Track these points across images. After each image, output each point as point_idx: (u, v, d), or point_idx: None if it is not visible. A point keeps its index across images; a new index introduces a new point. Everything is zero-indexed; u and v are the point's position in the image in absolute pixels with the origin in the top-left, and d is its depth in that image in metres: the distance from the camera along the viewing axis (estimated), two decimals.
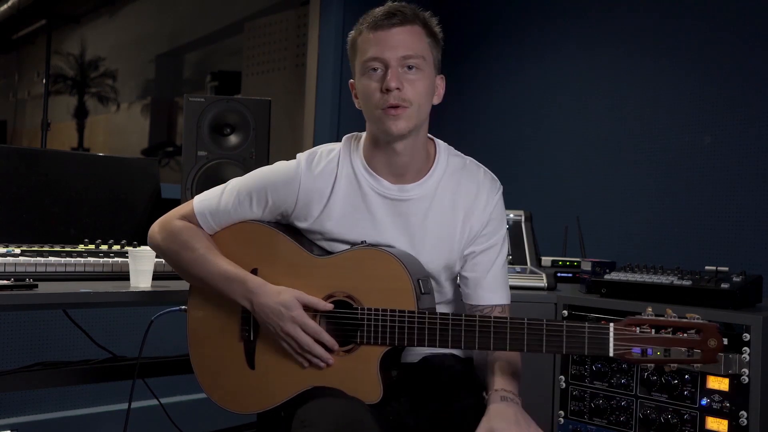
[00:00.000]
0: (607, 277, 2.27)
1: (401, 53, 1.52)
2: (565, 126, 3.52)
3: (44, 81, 3.77)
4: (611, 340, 1.37)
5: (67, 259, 1.82)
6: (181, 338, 1.95)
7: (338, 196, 1.60)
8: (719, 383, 1.95)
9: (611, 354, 1.37)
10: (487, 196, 1.65)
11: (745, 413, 1.91)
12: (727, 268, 2.15)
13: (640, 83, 3.23)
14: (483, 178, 1.66)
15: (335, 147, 1.66)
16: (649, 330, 1.37)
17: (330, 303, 1.52)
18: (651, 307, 1.41)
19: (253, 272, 1.59)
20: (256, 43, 5.17)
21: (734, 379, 1.93)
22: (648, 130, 3.19)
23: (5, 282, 1.58)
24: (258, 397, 1.58)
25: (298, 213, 1.62)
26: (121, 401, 2.99)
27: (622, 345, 1.37)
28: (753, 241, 2.81)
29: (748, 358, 1.92)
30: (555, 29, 3.61)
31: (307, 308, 1.52)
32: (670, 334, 1.36)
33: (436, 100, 1.62)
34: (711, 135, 2.98)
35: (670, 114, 3.12)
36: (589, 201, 3.35)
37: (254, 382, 1.58)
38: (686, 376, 2.01)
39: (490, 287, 1.65)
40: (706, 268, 2.18)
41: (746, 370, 1.91)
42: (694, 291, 2.06)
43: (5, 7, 5.19)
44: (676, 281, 2.11)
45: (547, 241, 2.97)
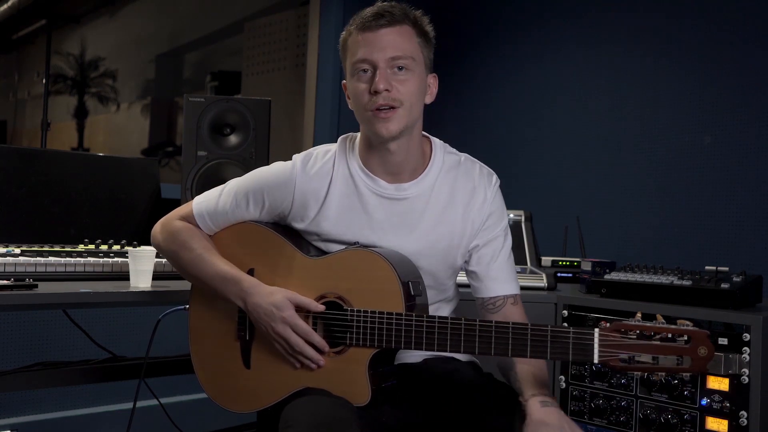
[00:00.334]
0: (607, 277, 2.27)
1: (390, 54, 1.51)
2: (565, 126, 3.52)
3: (44, 81, 3.77)
4: (596, 346, 1.32)
5: (67, 259, 1.82)
6: (181, 338, 1.95)
7: (334, 197, 1.60)
8: (719, 383, 1.95)
9: (596, 360, 1.32)
10: (485, 191, 1.64)
11: (745, 413, 1.91)
12: (727, 268, 2.15)
13: (640, 83, 3.23)
14: (479, 173, 1.66)
15: (331, 148, 1.66)
16: (636, 336, 1.31)
17: (321, 304, 1.52)
18: (640, 313, 1.37)
19: (250, 272, 1.60)
20: (256, 43, 5.17)
21: (734, 379, 1.93)
22: (648, 130, 3.19)
23: (5, 282, 1.58)
24: (253, 397, 1.58)
25: (294, 214, 1.62)
26: (120, 401, 3.00)
27: (608, 351, 1.31)
28: (753, 241, 2.81)
29: (748, 358, 1.91)
30: (555, 29, 3.61)
31: (300, 309, 1.52)
32: (659, 341, 1.30)
33: (428, 99, 1.61)
34: (711, 135, 2.98)
35: (670, 114, 3.12)
36: (589, 201, 3.35)
37: (250, 382, 1.59)
38: (686, 376, 2.01)
39: (497, 278, 1.65)
40: (706, 268, 2.18)
41: (746, 370, 1.91)
42: (694, 291, 2.06)
43: (5, 7, 5.19)
44: (676, 281, 2.11)
45: (547, 241, 2.97)
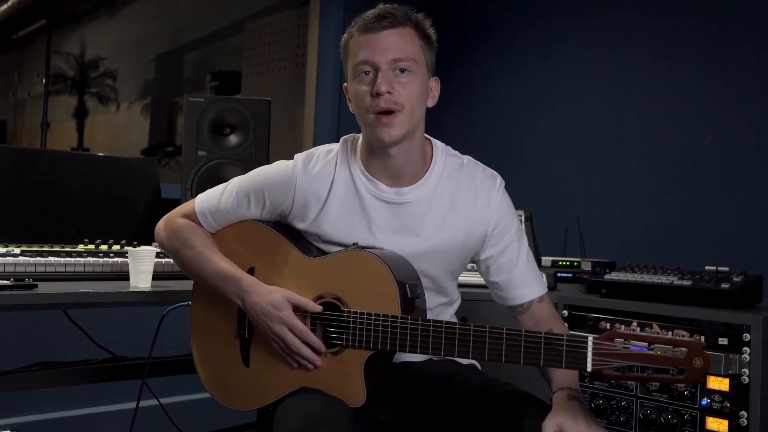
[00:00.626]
0: (607, 277, 2.27)
1: (392, 56, 1.50)
2: (565, 126, 3.52)
3: (44, 81, 3.77)
4: (589, 355, 1.30)
5: (67, 259, 1.82)
6: (181, 338, 1.95)
7: (335, 199, 1.60)
8: (719, 383, 1.95)
9: (589, 369, 1.30)
10: (489, 194, 1.63)
11: (745, 413, 1.91)
12: (727, 268, 2.15)
13: (640, 83, 3.23)
14: (482, 176, 1.64)
15: (333, 148, 1.65)
16: (631, 345, 1.29)
17: (319, 304, 1.52)
18: (636, 322, 1.36)
19: (250, 271, 1.60)
20: (256, 43, 5.17)
21: (734, 379, 1.93)
22: (648, 130, 3.19)
23: (5, 282, 1.58)
24: (252, 395, 1.59)
25: (295, 214, 1.62)
26: (120, 401, 3.00)
27: (601, 360, 1.29)
28: (753, 241, 2.81)
29: (748, 358, 1.91)
30: (555, 29, 3.61)
31: (297, 309, 1.52)
32: (654, 351, 1.28)
33: (430, 102, 1.60)
34: (711, 135, 2.98)
35: (670, 114, 3.12)
36: (589, 201, 3.35)
37: (248, 380, 1.59)
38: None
39: (521, 284, 1.64)
40: (706, 268, 2.18)
41: (746, 370, 1.91)
42: (694, 291, 2.06)
43: (5, 7, 5.19)
44: (676, 281, 2.11)
45: (547, 241, 2.97)
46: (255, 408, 1.59)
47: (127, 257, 1.84)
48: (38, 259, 1.79)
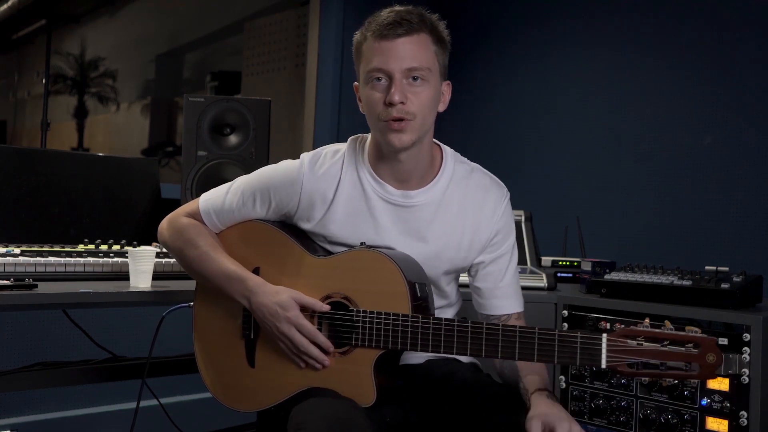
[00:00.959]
0: (607, 277, 2.27)
1: (406, 65, 1.49)
2: (566, 126, 3.52)
3: (44, 81, 3.77)
4: (604, 352, 1.32)
5: (67, 259, 1.82)
6: (181, 338, 1.95)
7: (341, 200, 1.59)
8: (719, 383, 1.95)
9: (603, 366, 1.32)
10: (494, 204, 1.63)
11: (746, 413, 1.91)
12: (727, 268, 2.15)
13: (640, 83, 3.23)
14: (490, 186, 1.64)
15: (341, 148, 1.64)
16: (644, 342, 1.31)
17: (327, 304, 1.52)
18: (648, 319, 1.37)
19: (255, 271, 1.59)
20: (256, 43, 5.17)
21: (734, 379, 1.93)
22: (648, 130, 3.19)
23: (5, 282, 1.58)
24: (257, 396, 1.58)
25: (301, 214, 1.61)
26: (121, 401, 3.00)
27: (616, 357, 1.31)
28: (753, 241, 2.81)
29: (748, 358, 1.91)
30: (555, 29, 3.61)
31: (305, 309, 1.51)
32: (667, 348, 1.29)
33: (441, 107, 1.59)
34: (711, 135, 2.98)
35: (670, 114, 3.12)
36: (589, 201, 3.35)
37: (253, 381, 1.59)
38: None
39: (505, 296, 1.64)
40: (706, 268, 2.18)
41: (746, 370, 1.91)
42: (694, 291, 2.06)
43: (5, 7, 5.20)
44: (676, 281, 2.11)
45: (547, 241, 2.97)
46: (260, 409, 1.59)
47: (127, 257, 1.84)
48: (38, 259, 1.79)
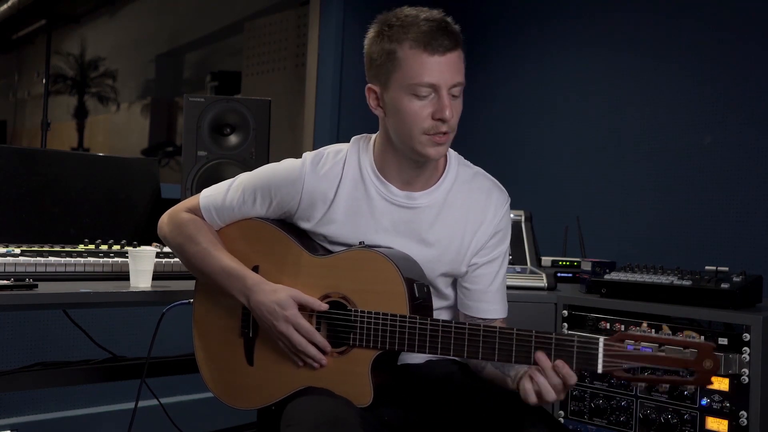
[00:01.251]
0: (607, 277, 2.27)
1: (452, 82, 1.49)
2: (565, 126, 3.52)
3: (44, 81, 3.77)
4: (600, 356, 1.31)
5: (67, 259, 1.82)
6: (181, 338, 1.94)
7: (342, 199, 1.58)
8: (719, 383, 1.96)
9: (600, 370, 1.31)
10: (495, 208, 1.62)
11: (745, 413, 1.91)
12: (727, 268, 2.15)
13: (640, 83, 3.23)
14: (492, 189, 1.64)
15: (343, 148, 1.63)
16: (641, 347, 1.30)
17: (326, 303, 1.51)
18: (646, 323, 1.37)
19: (255, 269, 1.59)
20: (256, 43, 5.17)
21: (734, 379, 1.93)
22: (648, 130, 3.19)
23: (5, 282, 1.58)
24: (255, 394, 1.58)
25: (301, 213, 1.61)
26: (121, 401, 3.00)
27: (612, 361, 1.31)
28: (753, 241, 2.81)
29: (748, 358, 1.92)
30: (555, 29, 3.61)
31: (303, 307, 1.51)
32: (664, 353, 1.29)
33: None
34: (711, 135, 2.98)
35: (670, 114, 3.13)
36: (589, 201, 3.35)
37: (252, 379, 1.59)
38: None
39: (492, 300, 1.63)
40: (706, 268, 2.18)
41: (746, 370, 1.91)
42: (694, 291, 2.06)
43: (5, 7, 5.20)
44: (676, 281, 2.11)
45: (547, 241, 2.97)
46: (258, 407, 1.59)
47: (127, 257, 1.84)
48: (38, 259, 1.79)
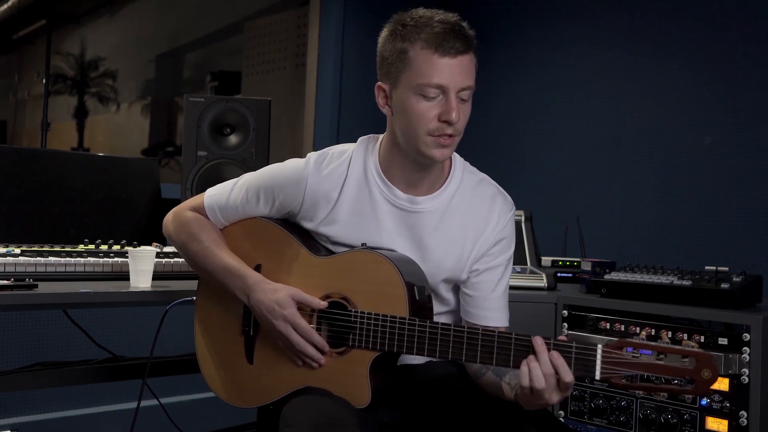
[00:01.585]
0: (607, 277, 2.27)
1: (462, 84, 1.47)
2: (565, 126, 3.53)
3: (44, 81, 3.77)
4: (599, 363, 1.31)
5: (67, 259, 1.82)
6: (181, 338, 1.94)
7: (346, 200, 1.58)
8: (719, 383, 1.95)
9: (598, 377, 1.31)
10: (499, 216, 1.61)
11: (745, 413, 1.91)
12: (727, 268, 2.15)
13: (641, 83, 3.23)
14: (496, 197, 1.63)
15: (348, 148, 1.63)
16: (640, 355, 1.30)
17: (326, 303, 1.52)
18: (645, 332, 1.36)
19: (257, 268, 1.60)
20: (256, 43, 5.17)
21: (734, 379, 1.93)
22: (648, 130, 3.19)
23: (5, 282, 1.58)
24: (255, 392, 1.59)
25: (304, 213, 1.61)
26: (121, 401, 3.00)
27: (610, 369, 1.30)
28: (753, 241, 2.81)
29: (748, 358, 1.92)
30: (555, 29, 3.61)
31: (303, 306, 1.51)
32: (663, 362, 1.29)
33: None
34: (711, 135, 2.98)
35: (670, 114, 3.13)
36: (589, 201, 3.35)
37: (252, 377, 1.59)
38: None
39: (493, 308, 1.62)
40: (706, 268, 2.18)
41: (746, 370, 1.91)
42: (694, 291, 2.06)
43: (5, 7, 5.19)
44: (676, 281, 2.11)
45: (547, 241, 2.97)
46: (257, 406, 1.59)
47: (127, 257, 1.84)
48: (38, 259, 1.79)
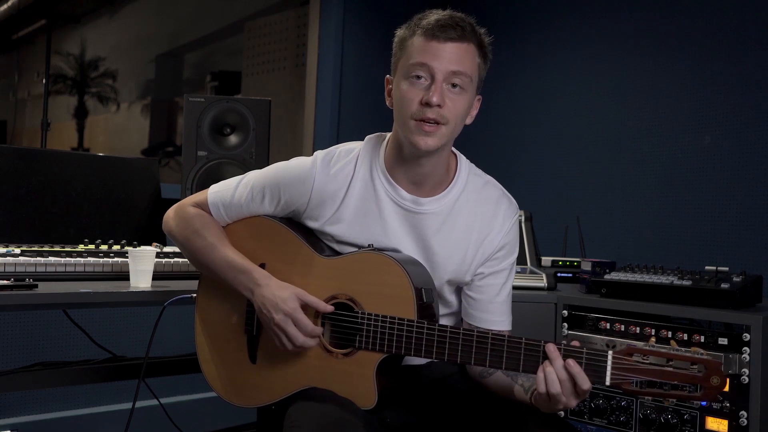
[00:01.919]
0: (607, 277, 2.27)
1: (451, 68, 1.46)
2: (565, 126, 3.53)
3: (44, 81, 3.76)
4: (609, 369, 1.32)
5: (67, 259, 1.82)
6: (181, 338, 1.94)
7: (352, 200, 1.58)
8: None
9: (607, 383, 1.32)
10: (503, 219, 1.61)
11: (745, 413, 1.91)
12: (727, 268, 2.15)
13: (640, 83, 3.23)
14: (501, 200, 1.63)
15: (355, 147, 1.62)
16: (650, 361, 1.32)
17: (332, 305, 1.51)
18: (654, 338, 1.37)
19: (261, 266, 1.59)
20: (256, 43, 5.17)
21: (734, 379, 1.93)
22: (648, 130, 3.19)
23: (5, 282, 1.58)
24: (257, 392, 1.58)
25: (309, 213, 1.60)
26: (121, 401, 3.00)
27: (620, 375, 1.32)
28: (753, 241, 2.81)
29: (748, 358, 1.92)
30: (555, 29, 3.61)
31: (308, 307, 1.51)
32: (672, 368, 1.30)
33: (468, 120, 1.57)
34: (711, 135, 2.98)
35: (670, 114, 3.13)
36: (589, 201, 3.35)
37: (254, 377, 1.59)
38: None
39: (497, 312, 1.62)
40: (706, 268, 2.18)
41: (746, 370, 1.91)
42: (694, 291, 2.06)
43: (5, 7, 5.19)
44: (676, 281, 2.11)
45: (547, 241, 2.97)
46: (259, 405, 1.59)
47: (127, 257, 1.84)
48: (38, 259, 1.79)
